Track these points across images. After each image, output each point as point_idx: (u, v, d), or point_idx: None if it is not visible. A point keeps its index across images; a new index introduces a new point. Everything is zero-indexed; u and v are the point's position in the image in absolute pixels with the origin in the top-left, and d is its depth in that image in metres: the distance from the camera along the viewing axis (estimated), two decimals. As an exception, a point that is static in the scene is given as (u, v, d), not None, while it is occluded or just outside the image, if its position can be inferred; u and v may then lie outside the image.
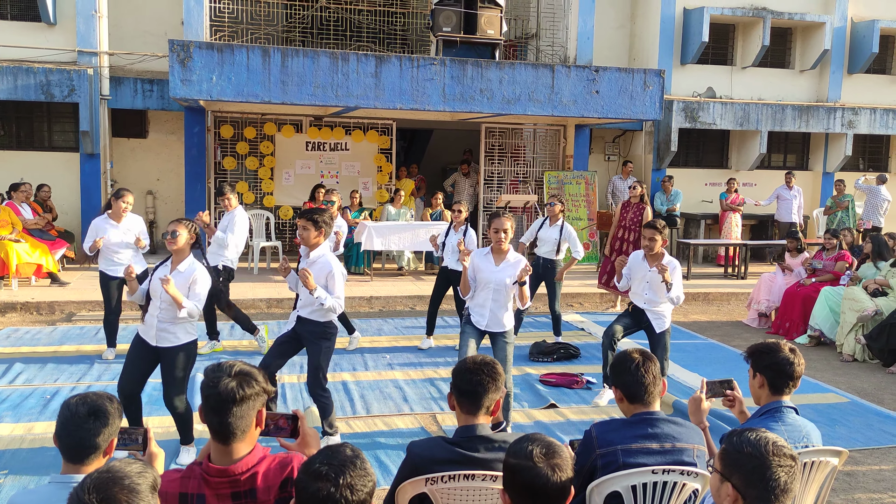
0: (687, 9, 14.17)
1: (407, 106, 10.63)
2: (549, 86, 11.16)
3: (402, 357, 7.64)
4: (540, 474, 2.20)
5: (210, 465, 2.32)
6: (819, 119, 14.51)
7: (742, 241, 13.08)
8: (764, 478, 2.15)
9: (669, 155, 14.09)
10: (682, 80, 14.44)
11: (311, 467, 2.04)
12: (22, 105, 12.21)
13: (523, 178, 13.98)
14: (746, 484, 2.16)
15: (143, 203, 13.26)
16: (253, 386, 2.32)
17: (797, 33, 15.14)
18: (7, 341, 7.90)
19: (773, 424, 3.00)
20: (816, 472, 3.07)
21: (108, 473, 1.95)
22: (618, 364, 2.99)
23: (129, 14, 12.63)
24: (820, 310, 8.68)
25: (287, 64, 10.14)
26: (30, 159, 12.17)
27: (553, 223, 8.13)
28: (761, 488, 2.14)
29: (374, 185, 13.34)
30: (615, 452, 2.81)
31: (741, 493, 2.17)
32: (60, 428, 2.44)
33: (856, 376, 7.54)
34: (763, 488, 2.14)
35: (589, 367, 7.48)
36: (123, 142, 13.07)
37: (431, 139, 17.53)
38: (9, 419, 5.64)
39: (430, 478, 2.72)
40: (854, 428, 5.98)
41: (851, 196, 13.63)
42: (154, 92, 12.30)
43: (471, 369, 2.85)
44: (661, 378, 2.96)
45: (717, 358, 8.01)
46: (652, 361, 2.96)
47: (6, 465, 4.83)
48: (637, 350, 3.03)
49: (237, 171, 12.73)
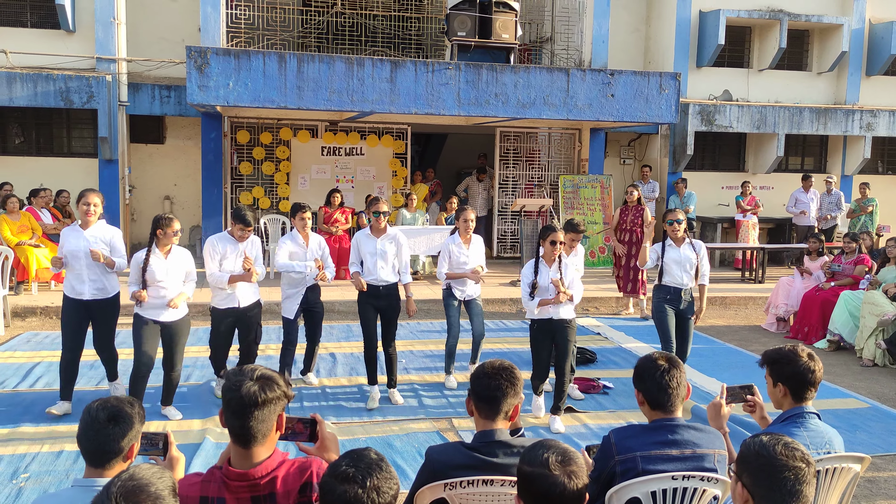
0: (703, 11, 14.11)
1: (422, 110, 10.65)
2: (564, 89, 11.14)
3: (417, 361, 7.64)
4: (556, 482, 2.19)
5: (230, 468, 2.33)
6: (837, 121, 14.39)
7: (760, 245, 12.98)
8: (771, 477, 2.12)
9: (685, 158, 14.02)
10: (698, 83, 14.38)
11: (336, 470, 2.04)
12: (41, 112, 12.36)
13: (538, 181, 13.96)
14: (755, 483, 2.14)
15: (160, 208, 13.38)
16: (274, 390, 2.33)
17: (814, 35, 15.04)
18: (27, 345, 7.98)
19: (796, 430, 2.97)
20: (839, 479, 3.04)
21: (132, 481, 1.96)
22: (643, 368, 2.94)
23: (147, 21, 12.76)
24: (839, 314, 8.59)
25: (303, 69, 10.20)
26: (49, 165, 12.31)
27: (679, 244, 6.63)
28: (768, 488, 2.12)
29: (389, 190, 13.36)
30: (634, 459, 2.79)
31: (750, 493, 2.15)
32: (81, 433, 2.45)
33: (876, 381, 7.45)
34: (769, 488, 2.12)
35: (605, 371, 7.45)
36: (141, 147, 13.19)
37: (446, 143, 17.55)
38: (29, 423, 5.69)
39: (448, 483, 2.71)
40: (875, 433, 5.92)
41: (876, 200, 13.49)
42: (171, 98, 12.41)
43: (489, 374, 2.83)
44: (685, 385, 2.93)
45: (735, 363, 7.95)
46: (678, 368, 2.91)
47: (27, 469, 4.87)
48: (664, 356, 2.97)
49: (253, 176, 12.80)
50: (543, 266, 5.87)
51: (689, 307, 6.55)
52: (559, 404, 5.94)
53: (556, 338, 5.86)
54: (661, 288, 6.54)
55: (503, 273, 12.03)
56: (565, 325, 5.84)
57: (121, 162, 12.17)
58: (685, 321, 6.52)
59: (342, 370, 7.29)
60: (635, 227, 9.95)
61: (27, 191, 10.98)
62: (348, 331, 8.71)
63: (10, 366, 7.18)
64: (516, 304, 10.29)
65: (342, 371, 7.25)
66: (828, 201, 13.74)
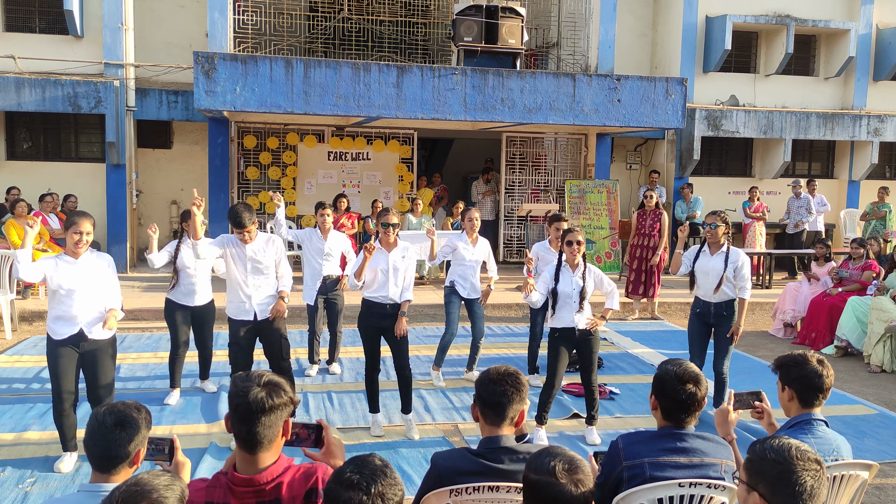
0: (709, 16, 14.10)
1: (428, 115, 10.67)
2: (571, 95, 11.14)
3: (422, 366, 7.63)
4: (563, 490, 2.18)
5: (236, 474, 2.33)
6: (844, 127, 14.35)
7: (767, 251, 12.94)
8: (790, 483, 2.11)
9: (692, 163, 14.00)
10: (705, 89, 14.36)
11: (341, 476, 2.04)
12: (50, 116, 12.42)
13: (544, 186, 13.95)
14: (773, 491, 2.13)
15: (167, 213, 13.42)
16: (281, 396, 2.33)
17: (821, 40, 15.00)
18: (34, 350, 8.00)
19: (803, 437, 2.96)
20: (847, 486, 3.02)
21: (136, 486, 1.96)
22: (666, 383, 2.86)
23: (155, 27, 12.81)
24: (847, 320, 8.55)
25: (310, 75, 10.22)
26: (57, 170, 12.37)
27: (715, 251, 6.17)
28: (788, 494, 2.11)
29: (395, 195, 13.38)
30: (642, 465, 2.78)
31: (768, 502, 2.14)
32: (88, 437, 2.46)
33: (884, 387, 7.42)
34: (790, 494, 2.11)
35: (612, 377, 7.43)
36: (148, 152, 13.24)
37: (452, 148, 17.56)
38: (36, 427, 5.70)
39: (454, 489, 2.70)
40: (883, 440, 5.88)
41: (890, 206, 13.37)
42: (179, 103, 12.45)
43: (495, 381, 2.82)
44: (704, 401, 2.90)
45: (742, 368, 7.91)
46: (700, 388, 2.85)
47: (33, 473, 4.88)
48: (690, 376, 2.86)
49: (260, 181, 12.84)
50: (566, 270, 5.56)
51: (721, 321, 5.99)
52: (592, 413, 5.72)
53: (581, 348, 5.58)
54: (695, 299, 6.19)
55: (509, 278, 12.01)
56: (589, 336, 5.54)
57: (128, 167, 12.22)
58: (720, 336, 6.07)
59: (348, 375, 7.29)
60: (653, 232, 10.01)
61: (35, 195, 11.04)
62: (354, 336, 8.71)
63: (17, 370, 7.21)
64: (522, 309, 10.28)
65: (348, 377, 7.25)
66: (797, 205, 13.30)
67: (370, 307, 5.68)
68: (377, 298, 5.64)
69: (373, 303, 5.66)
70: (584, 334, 5.53)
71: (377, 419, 5.84)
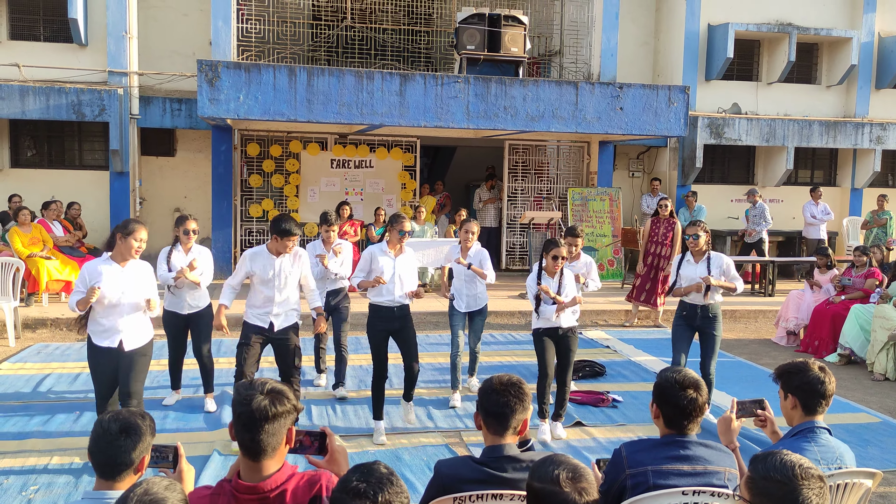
0: (711, 25, 14.14)
1: (431, 123, 10.70)
2: (573, 103, 11.17)
3: (426, 374, 7.62)
4: (567, 499, 2.18)
5: (240, 482, 2.33)
6: (847, 135, 14.36)
7: (769, 258, 12.93)
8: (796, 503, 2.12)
9: (694, 171, 14.01)
10: (707, 97, 14.38)
11: (348, 484, 2.04)
12: (54, 124, 12.47)
13: (547, 194, 13.97)
14: None
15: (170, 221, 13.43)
16: (285, 404, 2.34)
17: (823, 49, 15.03)
18: (38, 357, 8.01)
19: (806, 445, 2.96)
20: (850, 495, 3.02)
21: (146, 496, 1.97)
22: (666, 390, 2.87)
23: (159, 35, 12.87)
24: (850, 328, 8.54)
25: (313, 83, 10.26)
26: (61, 177, 12.41)
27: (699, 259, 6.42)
28: None
29: (398, 202, 13.40)
30: (645, 473, 2.78)
31: None
32: (93, 444, 2.47)
33: (887, 395, 7.40)
34: None
35: (614, 384, 7.42)
36: (152, 160, 13.28)
37: (455, 156, 17.59)
38: (39, 434, 5.71)
39: (458, 497, 2.71)
40: (886, 448, 5.87)
41: (890, 213, 13.36)
42: (182, 111, 12.50)
43: (498, 390, 2.83)
44: (706, 407, 2.90)
45: (745, 376, 7.90)
46: (701, 394, 2.86)
47: (37, 481, 4.89)
48: (691, 382, 2.88)
49: (263, 189, 12.87)
50: (545, 278, 5.92)
51: (707, 322, 6.23)
52: (560, 411, 5.99)
53: (558, 346, 5.89)
54: (680, 303, 6.42)
55: (511, 285, 12.02)
56: (567, 335, 5.87)
57: (131, 174, 12.25)
58: (707, 337, 6.29)
59: (351, 383, 7.28)
60: (665, 241, 10.03)
61: (39, 203, 11.06)
62: (357, 343, 8.71)
63: (20, 377, 7.22)
64: (524, 317, 10.28)
65: (351, 384, 7.25)
66: (752, 214, 12.96)
67: (377, 311, 5.80)
68: (384, 303, 5.78)
69: (380, 307, 5.80)
70: (565, 332, 5.86)
71: (380, 426, 5.84)
